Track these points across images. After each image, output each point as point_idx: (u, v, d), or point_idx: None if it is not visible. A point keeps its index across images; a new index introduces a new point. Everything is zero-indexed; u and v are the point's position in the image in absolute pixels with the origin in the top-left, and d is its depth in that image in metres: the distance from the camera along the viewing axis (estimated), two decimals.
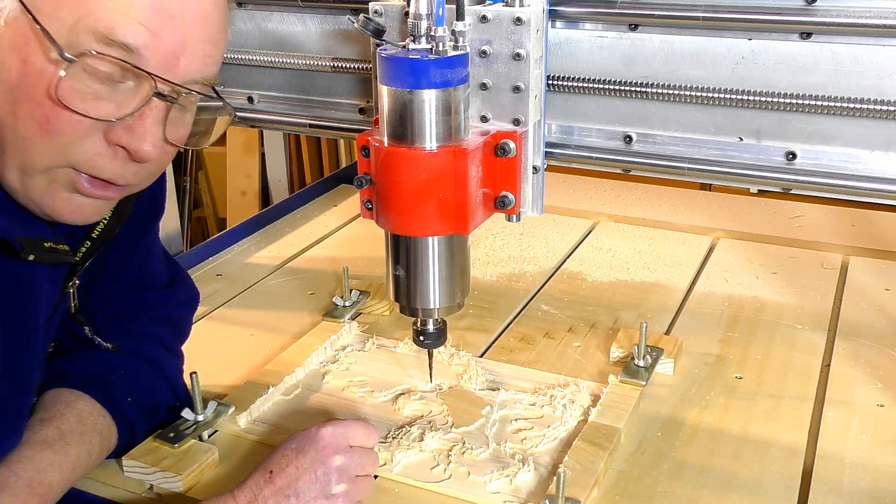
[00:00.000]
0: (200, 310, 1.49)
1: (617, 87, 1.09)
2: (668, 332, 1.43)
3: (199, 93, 0.88)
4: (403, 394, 1.24)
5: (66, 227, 0.97)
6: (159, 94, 0.84)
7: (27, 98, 0.81)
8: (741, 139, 1.07)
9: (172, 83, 0.84)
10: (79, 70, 0.80)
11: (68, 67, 0.79)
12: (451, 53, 0.95)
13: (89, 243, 1.00)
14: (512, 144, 1.02)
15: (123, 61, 0.81)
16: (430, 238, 1.03)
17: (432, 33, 0.94)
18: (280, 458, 0.98)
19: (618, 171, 1.15)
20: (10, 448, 0.93)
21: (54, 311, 1.02)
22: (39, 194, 0.87)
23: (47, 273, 0.96)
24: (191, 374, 1.15)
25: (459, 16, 0.98)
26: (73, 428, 1.02)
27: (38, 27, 0.78)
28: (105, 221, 1.01)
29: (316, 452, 0.98)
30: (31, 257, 0.89)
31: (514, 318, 1.48)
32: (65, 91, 0.80)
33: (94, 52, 0.80)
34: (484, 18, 1.02)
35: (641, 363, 1.26)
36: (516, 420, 1.18)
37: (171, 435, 1.11)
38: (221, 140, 1.87)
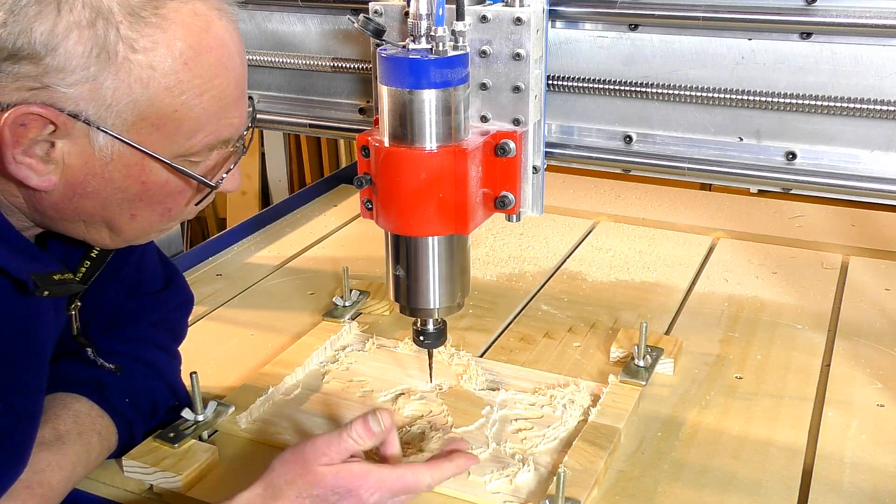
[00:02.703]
0: (200, 310, 1.50)
1: (617, 87, 1.09)
2: (668, 332, 1.43)
3: (249, 127, 0.97)
4: (403, 394, 1.24)
5: (63, 254, 0.98)
6: (241, 148, 0.95)
7: (148, 203, 0.90)
8: (741, 139, 1.07)
9: (246, 132, 0.95)
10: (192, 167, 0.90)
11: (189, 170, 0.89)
12: (451, 53, 0.95)
13: (89, 263, 1.01)
14: (512, 144, 1.02)
15: (232, 145, 0.93)
16: (429, 238, 1.03)
17: (432, 33, 0.94)
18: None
19: (618, 171, 1.15)
20: (17, 478, 0.93)
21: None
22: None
23: (53, 302, 0.97)
24: (191, 374, 1.15)
25: (459, 16, 0.98)
26: (70, 428, 1.02)
27: (161, 161, 0.86)
28: None
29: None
30: (46, 293, 0.89)
31: (514, 318, 1.48)
32: (191, 189, 0.92)
33: (206, 153, 0.90)
34: (484, 18, 1.02)
35: (641, 363, 1.26)
36: (516, 420, 1.18)
37: (171, 435, 1.11)
38: None
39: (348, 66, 1.26)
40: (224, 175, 0.93)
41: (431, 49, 0.95)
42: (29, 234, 0.94)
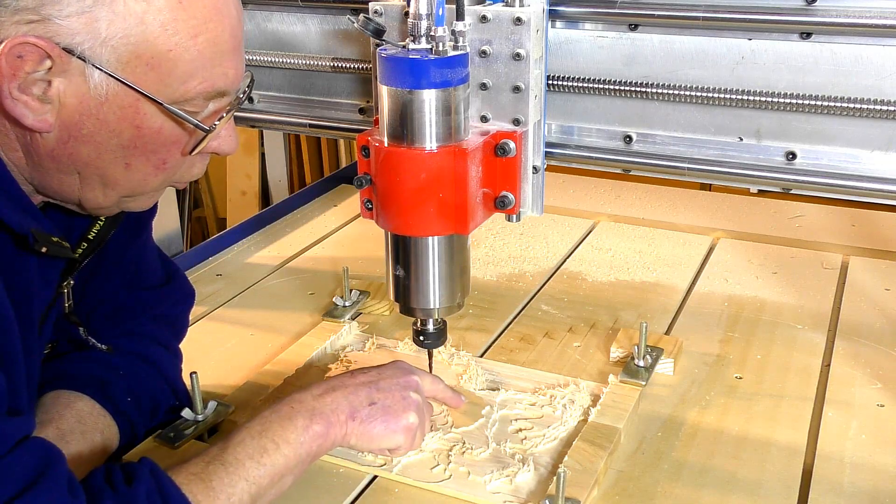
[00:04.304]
0: (200, 310, 1.50)
1: (617, 87, 1.09)
2: (668, 332, 1.43)
3: (246, 89, 0.97)
4: None
5: (63, 228, 0.98)
6: (236, 104, 0.95)
7: (143, 151, 0.90)
8: (741, 139, 1.07)
9: (241, 95, 0.95)
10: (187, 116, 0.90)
11: (185, 123, 0.90)
12: (451, 53, 0.95)
13: (86, 244, 1.01)
14: (512, 144, 1.02)
15: (228, 102, 0.93)
16: (430, 238, 1.03)
17: (432, 33, 0.94)
18: (359, 370, 1.09)
19: (618, 171, 1.15)
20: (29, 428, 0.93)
21: (48, 311, 1.02)
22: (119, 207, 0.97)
23: (40, 271, 0.97)
24: (191, 374, 1.15)
25: (459, 16, 0.98)
26: (73, 427, 1.02)
27: (157, 103, 0.87)
28: (101, 223, 1.02)
29: (397, 367, 1.11)
30: (44, 249, 0.90)
31: (514, 318, 1.48)
32: (185, 139, 0.92)
33: (201, 103, 0.90)
34: (484, 18, 1.02)
35: (641, 363, 1.26)
36: (516, 420, 1.18)
37: (171, 435, 1.11)
38: None
39: (348, 66, 1.26)
40: (217, 122, 0.92)
41: (431, 49, 0.95)
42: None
